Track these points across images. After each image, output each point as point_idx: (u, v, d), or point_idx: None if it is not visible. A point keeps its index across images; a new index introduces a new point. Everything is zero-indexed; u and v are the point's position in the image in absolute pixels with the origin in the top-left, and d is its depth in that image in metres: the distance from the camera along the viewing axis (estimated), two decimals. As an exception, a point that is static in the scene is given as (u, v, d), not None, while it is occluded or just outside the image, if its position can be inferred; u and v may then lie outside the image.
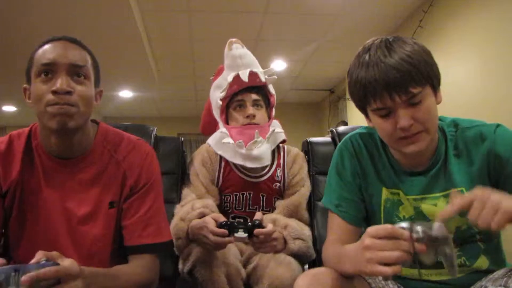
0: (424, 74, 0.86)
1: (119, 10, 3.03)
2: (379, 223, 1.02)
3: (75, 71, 0.96)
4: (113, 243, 1.05)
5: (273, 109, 1.53)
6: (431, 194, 0.96)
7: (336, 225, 1.02)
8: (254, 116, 1.43)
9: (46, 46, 0.97)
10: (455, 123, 0.98)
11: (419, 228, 0.73)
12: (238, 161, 1.39)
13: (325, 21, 3.61)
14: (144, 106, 6.33)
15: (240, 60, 1.41)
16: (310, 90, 5.86)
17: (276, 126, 1.48)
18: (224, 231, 1.15)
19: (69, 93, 0.93)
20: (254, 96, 1.45)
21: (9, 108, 6.26)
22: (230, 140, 1.39)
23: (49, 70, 0.94)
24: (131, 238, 1.04)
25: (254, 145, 1.37)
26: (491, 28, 2.50)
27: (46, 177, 1.01)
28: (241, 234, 1.15)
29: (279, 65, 4.70)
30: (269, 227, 1.19)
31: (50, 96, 0.92)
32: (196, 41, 3.98)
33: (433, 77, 0.89)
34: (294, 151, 1.54)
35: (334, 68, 4.97)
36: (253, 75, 1.40)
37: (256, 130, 1.38)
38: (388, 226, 0.75)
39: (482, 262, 0.95)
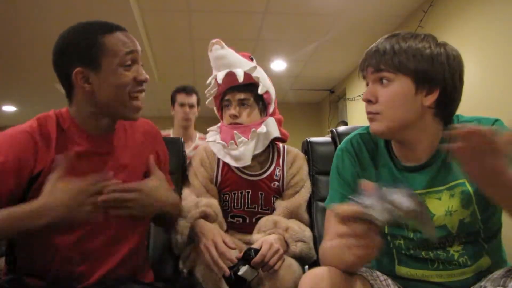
0: (402, 63, 0.91)
1: (119, 10, 3.03)
2: None
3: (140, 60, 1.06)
4: None
5: (271, 106, 1.49)
6: (435, 188, 0.96)
7: (336, 224, 1.01)
8: (235, 116, 1.42)
9: (119, 35, 1.02)
10: (457, 117, 1.00)
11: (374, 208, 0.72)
12: (227, 159, 1.41)
13: (325, 21, 3.61)
14: (144, 106, 6.32)
15: (219, 61, 1.41)
16: (310, 90, 5.86)
17: (268, 124, 1.44)
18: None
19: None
20: (239, 96, 1.43)
21: (9, 108, 6.26)
22: (217, 139, 1.43)
23: (131, 59, 1.01)
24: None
25: (232, 145, 1.39)
26: (491, 28, 2.50)
27: (86, 153, 1.04)
28: (243, 269, 1.15)
29: (279, 65, 4.70)
30: (264, 248, 1.19)
31: (135, 86, 1.02)
32: (196, 41, 3.98)
33: (419, 73, 0.91)
34: (294, 151, 1.54)
35: (334, 68, 4.97)
36: (230, 76, 1.39)
37: (235, 131, 1.39)
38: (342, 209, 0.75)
39: (484, 261, 0.95)
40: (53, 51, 1.01)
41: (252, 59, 1.46)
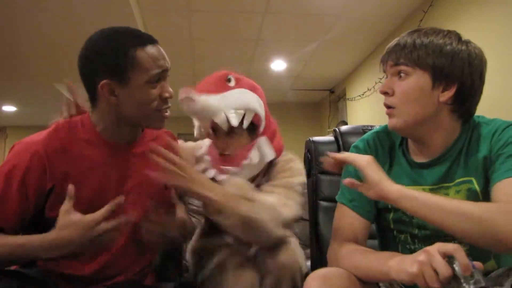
0: (421, 58, 0.91)
1: (119, 10, 3.03)
2: (388, 219, 1.02)
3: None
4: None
5: (261, 126, 1.29)
6: (445, 183, 0.96)
7: (349, 219, 1.01)
8: (223, 148, 1.26)
9: (151, 50, 0.98)
10: (477, 118, 0.99)
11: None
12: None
13: (325, 21, 3.61)
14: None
15: (199, 115, 1.25)
16: (310, 90, 5.85)
17: (260, 148, 1.26)
18: None
19: None
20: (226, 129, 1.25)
21: (9, 108, 6.26)
22: (207, 163, 1.28)
23: (159, 76, 0.99)
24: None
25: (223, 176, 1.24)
26: (491, 28, 2.51)
27: (105, 162, 1.03)
28: None
29: (279, 65, 4.69)
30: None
31: (160, 102, 1.00)
32: (196, 41, 3.98)
33: (437, 68, 0.91)
34: (282, 163, 1.31)
35: (334, 68, 4.97)
36: (214, 122, 1.22)
37: (224, 167, 1.24)
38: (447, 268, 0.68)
39: (490, 265, 0.94)
40: (80, 56, 0.99)
41: (229, 80, 1.25)
